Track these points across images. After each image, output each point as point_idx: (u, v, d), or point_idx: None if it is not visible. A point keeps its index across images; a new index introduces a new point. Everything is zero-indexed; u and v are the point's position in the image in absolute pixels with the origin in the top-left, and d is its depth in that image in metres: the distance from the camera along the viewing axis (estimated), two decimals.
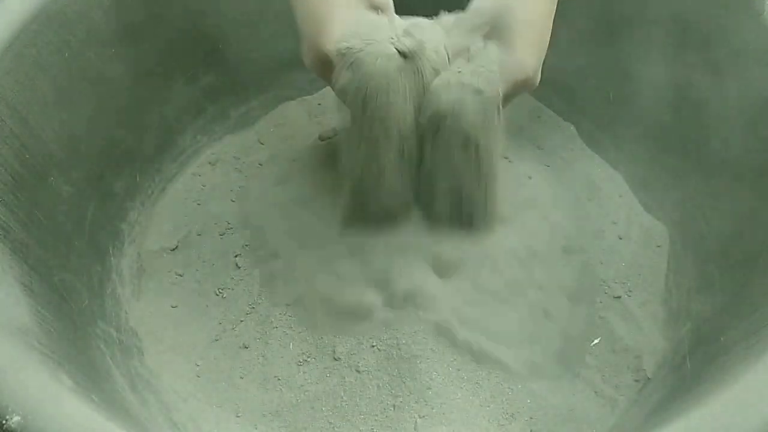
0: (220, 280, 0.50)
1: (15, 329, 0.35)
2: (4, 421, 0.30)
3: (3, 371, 0.32)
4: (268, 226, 0.52)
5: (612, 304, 0.49)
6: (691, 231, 0.51)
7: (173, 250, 0.52)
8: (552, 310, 0.48)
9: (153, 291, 0.50)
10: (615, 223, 0.54)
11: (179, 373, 0.46)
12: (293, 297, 0.48)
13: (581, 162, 0.58)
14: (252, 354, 0.46)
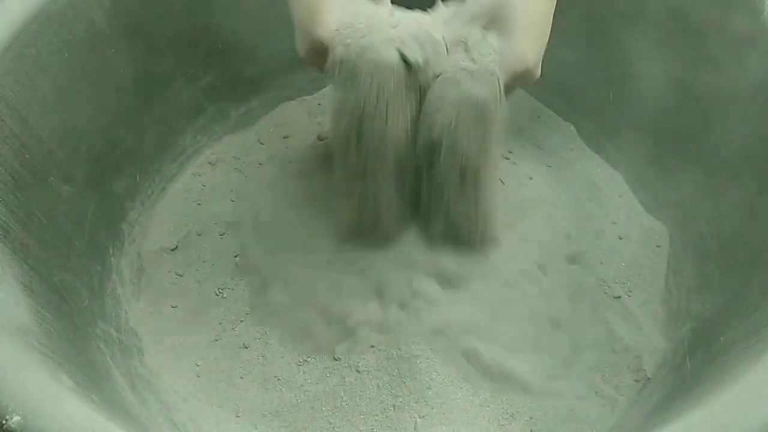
0: (220, 280, 0.50)
1: (15, 329, 0.35)
2: (4, 421, 0.30)
3: (3, 371, 0.32)
4: (266, 228, 0.51)
5: (612, 304, 0.49)
6: (691, 231, 0.51)
7: (173, 250, 0.52)
8: (556, 316, 0.48)
9: (153, 291, 0.50)
10: (615, 223, 0.54)
11: (179, 373, 0.46)
12: (289, 308, 0.48)
13: (581, 162, 0.58)
14: (252, 354, 0.46)
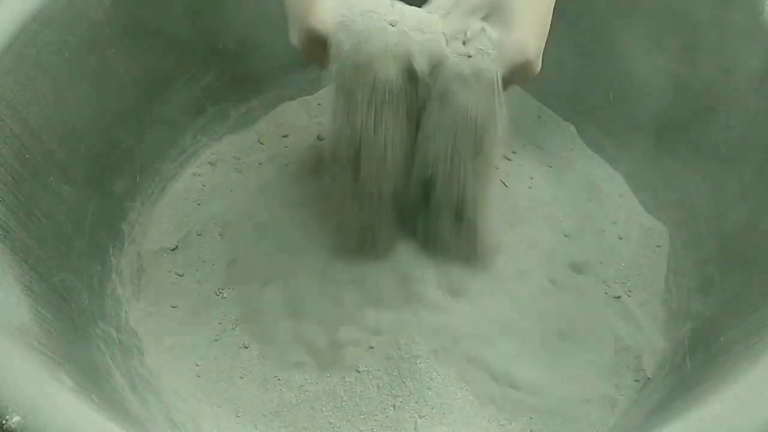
0: (220, 280, 0.50)
1: (15, 329, 0.35)
2: (4, 421, 0.30)
3: (3, 371, 0.31)
4: (263, 229, 0.51)
5: (612, 304, 0.49)
6: (691, 231, 0.51)
7: (173, 250, 0.52)
8: (557, 317, 0.48)
9: (153, 291, 0.50)
10: (615, 223, 0.54)
11: (179, 373, 0.46)
12: (285, 311, 0.47)
13: (581, 162, 0.58)
14: (252, 354, 0.46)
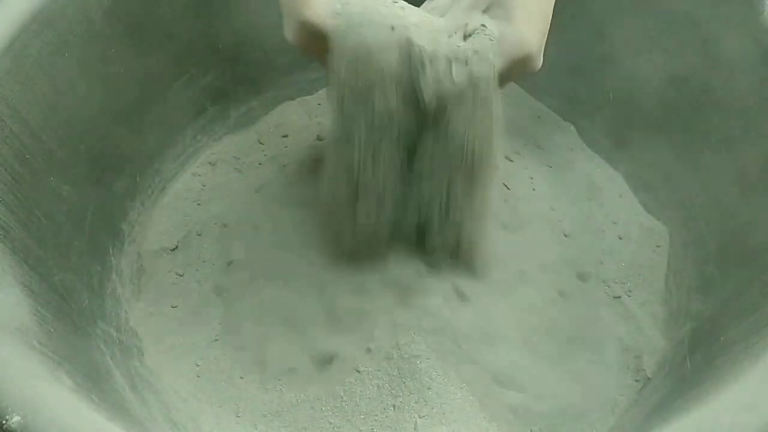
0: (220, 280, 0.50)
1: (15, 329, 0.35)
2: (4, 421, 0.30)
3: (3, 371, 0.31)
4: (262, 229, 0.51)
5: (612, 304, 0.49)
6: (691, 231, 0.51)
7: (173, 250, 0.52)
8: (557, 317, 0.48)
9: (153, 291, 0.50)
10: (615, 223, 0.54)
11: (179, 373, 0.46)
12: (286, 316, 0.47)
13: (581, 162, 0.58)
14: (252, 354, 0.46)
